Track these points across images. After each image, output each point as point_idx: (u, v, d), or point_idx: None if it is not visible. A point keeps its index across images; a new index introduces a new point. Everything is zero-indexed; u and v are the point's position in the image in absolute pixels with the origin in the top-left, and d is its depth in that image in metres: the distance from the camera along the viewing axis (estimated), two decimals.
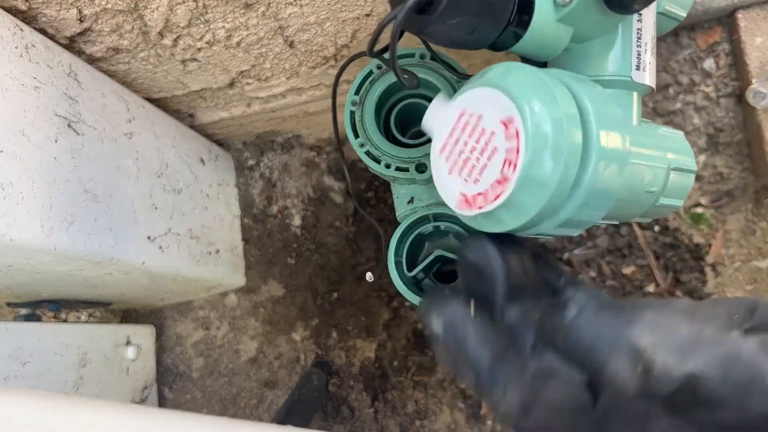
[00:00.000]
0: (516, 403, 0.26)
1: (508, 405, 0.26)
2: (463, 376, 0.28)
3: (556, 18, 0.30)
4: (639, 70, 0.32)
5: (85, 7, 0.63)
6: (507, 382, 0.26)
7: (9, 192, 0.54)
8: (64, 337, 0.81)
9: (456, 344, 0.27)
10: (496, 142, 0.26)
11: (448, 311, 0.28)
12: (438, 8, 0.26)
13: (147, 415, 0.33)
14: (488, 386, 0.26)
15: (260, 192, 1.06)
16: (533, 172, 0.24)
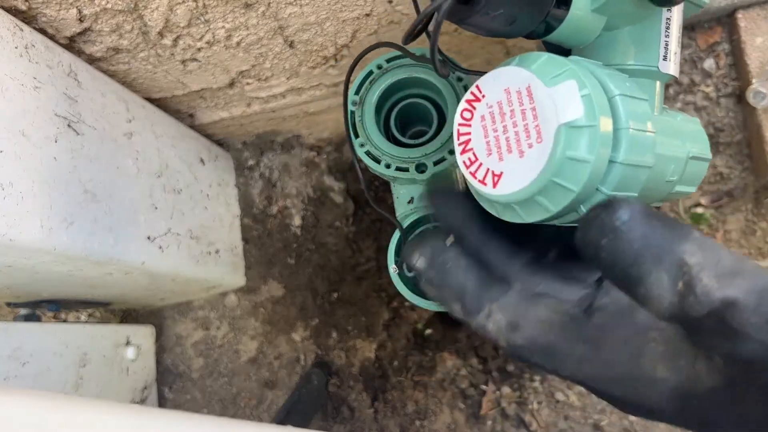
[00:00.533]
0: (504, 322, 0.26)
1: (496, 323, 0.26)
2: (450, 306, 0.28)
3: (591, 8, 0.30)
4: (666, 60, 0.33)
5: (85, 7, 0.63)
6: (492, 303, 0.26)
7: (9, 192, 0.54)
8: (64, 337, 0.81)
9: (438, 275, 0.28)
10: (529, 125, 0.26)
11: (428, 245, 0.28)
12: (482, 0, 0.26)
13: (147, 415, 0.33)
14: (474, 310, 0.27)
15: (260, 192, 1.06)
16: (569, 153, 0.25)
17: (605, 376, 0.24)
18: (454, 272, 0.27)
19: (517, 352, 0.26)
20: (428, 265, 0.28)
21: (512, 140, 0.27)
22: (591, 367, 0.24)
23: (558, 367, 0.25)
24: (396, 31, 0.73)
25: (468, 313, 0.27)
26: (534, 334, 0.25)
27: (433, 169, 0.55)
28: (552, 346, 0.25)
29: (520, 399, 0.88)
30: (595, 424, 0.85)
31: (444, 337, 0.94)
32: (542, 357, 0.25)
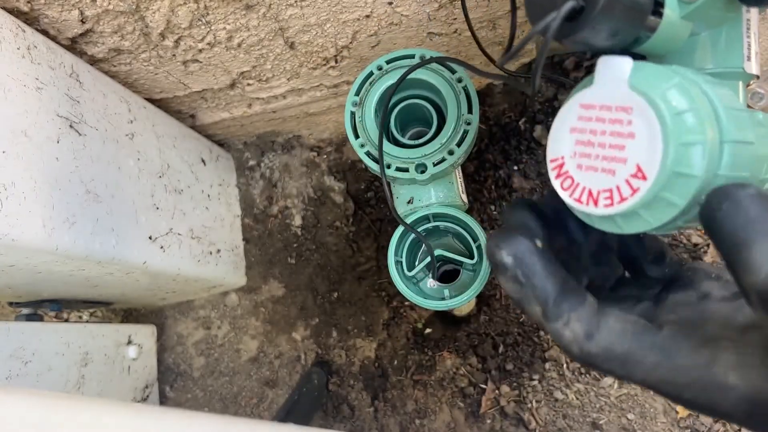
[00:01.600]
0: (580, 329, 0.27)
1: (572, 331, 0.27)
2: (528, 306, 0.29)
3: (680, 15, 0.30)
4: (749, 61, 0.33)
5: (87, 8, 0.63)
6: (571, 311, 0.28)
7: (11, 192, 0.54)
8: (66, 337, 0.81)
9: (524, 275, 0.28)
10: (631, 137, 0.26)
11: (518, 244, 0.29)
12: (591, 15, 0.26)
13: (148, 414, 0.33)
14: (554, 315, 0.28)
15: (261, 192, 1.07)
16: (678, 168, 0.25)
17: (677, 382, 0.25)
18: (540, 275, 0.28)
19: (590, 360, 0.28)
20: (516, 263, 0.29)
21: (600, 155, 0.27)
22: (663, 373, 0.26)
23: (630, 373, 0.27)
24: (396, 32, 0.73)
25: (547, 317, 0.28)
26: (608, 343, 0.27)
27: (433, 169, 0.55)
28: (626, 353, 0.27)
29: (518, 398, 0.89)
30: (593, 422, 0.85)
31: (443, 336, 0.94)
32: (615, 364, 0.27)
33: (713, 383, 0.24)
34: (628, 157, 0.26)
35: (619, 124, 0.26)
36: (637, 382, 0.27)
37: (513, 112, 0.95)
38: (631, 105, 0.26)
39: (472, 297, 0.58)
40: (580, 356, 0.28)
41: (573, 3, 0.26)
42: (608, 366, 0.27)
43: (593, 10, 0.26)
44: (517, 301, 0.30)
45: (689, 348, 0.26)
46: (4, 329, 0.72)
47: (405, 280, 0.61)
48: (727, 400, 0.24)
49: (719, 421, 0.82)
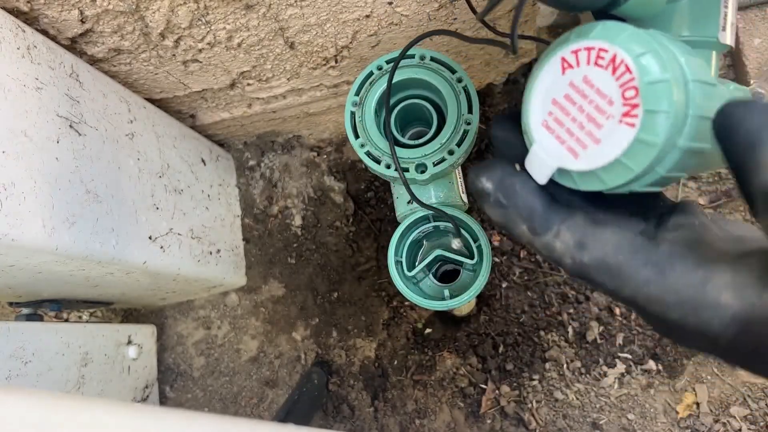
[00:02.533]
0: (572, 241, 0.27)
1: (563, 241, 0.27)
2: (515, 228, 0.29)
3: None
4: (724, 31, 0.33)
5: (87, 8, 0.63)
6: (561, 223, 0.28)
7: (11, 192, 0.54)
8: (66, 337, 0.81)
9: (507, 196, 0.29)
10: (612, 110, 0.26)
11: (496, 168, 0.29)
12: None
13: (148, 414, 0.33)
14: (542, 229, 0.28)
15: (261, 192, 1.07)
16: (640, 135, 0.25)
17: (667, 300, 0.25)
18: (522, 193, 0.29)
19: (581, 270, 0.28)
20: (496, 186, 0.29)
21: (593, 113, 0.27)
22: (654, 290, 0.26)
23: (619, 287, 0.27)
24: (396, 32, 0.73)
25: (535, 232, 0.28)
26: (601, 253, 0.27)
27: (433, 169, 0.55)
28: (618, 266, 0.27)
29: (519, 398, 0.89)
30: (593, 422, 0.85)
31: (443, 336, 0.94)
32: (606, 276, 0.27)
33: (706, 302, 0.25)
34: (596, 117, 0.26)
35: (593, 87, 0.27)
36: (625, 297, 0.27)
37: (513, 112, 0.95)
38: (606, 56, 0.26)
39: (472, 297, 0.58)
40: (573, 267, 0.28)
41: None
42: (600, 278, 0.27)
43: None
44: (504, 227, 0.30)
45: (684, 267, 0.26)
46: (4, 329, 0.72)
47: (405, 280, 0.61)
48: (717, 319, 0.24)
49: (719, 421, 0.82)
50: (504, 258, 0.93)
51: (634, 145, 0.25)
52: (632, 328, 0.87)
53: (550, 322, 0.90)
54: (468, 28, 0.74)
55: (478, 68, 0.88)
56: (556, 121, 0.28)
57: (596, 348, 0.88)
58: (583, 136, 0.27)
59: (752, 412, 0.81)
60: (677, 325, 0.26)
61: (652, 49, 0.26)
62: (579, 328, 0.89)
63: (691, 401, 0.83)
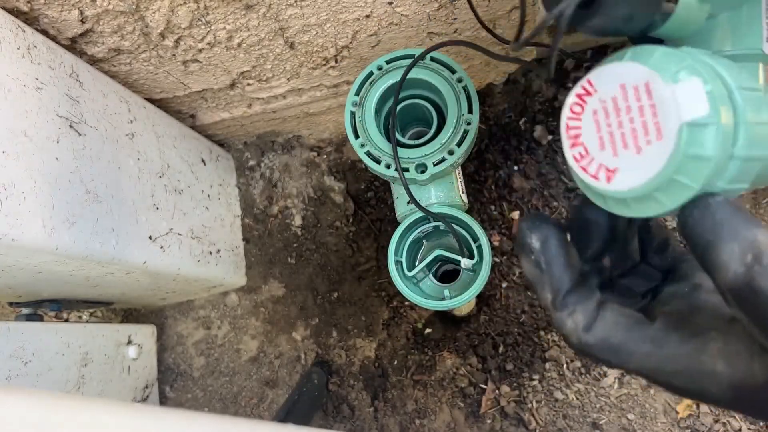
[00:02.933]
0: (581, 321, 0.30)
1: (574, 322, 0.30)
2: (542, 291, 0.31)
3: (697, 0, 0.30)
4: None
5: (87, 8, 0.63)
6: (577, 304, 0.30)
7: (11, 192, 0.54)
8: (66, 337, 0.81)
9: (546, 263, 0.31)
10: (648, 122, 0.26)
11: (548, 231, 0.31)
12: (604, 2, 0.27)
13: (148, 414, 0.33)
14: (561, 306, 0.30)
15: (261, 192, 1.07)
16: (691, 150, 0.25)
17: (668, 370, 0.27)
18: (559, 266, 0.31)
19: (587, 349, 0.30)
20: (542, 249, 0.31)
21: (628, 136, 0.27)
22: (655, 362, 0.28)
23: (624, 363, 0.29)
24: (396, 32, 0.73)
25: (555, 306, 0.31)
26: (604, 334, 0.29)
27: (433, 169, 0.55)
28: (620, 344, 0.29)
29: (518, 398, 0.89)
30: (593, 422, 0.85)
31: (443, 336, 0.94)
32: (610, 354, 0.29)
33: (702, 371, 0.26)
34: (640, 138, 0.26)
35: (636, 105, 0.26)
36: (631, 370, 0.29)
37: (513, 112, 0.95)
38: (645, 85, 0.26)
39: (472, 297, 0.58)
40: (578, 346, 0.30)
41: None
42: (603, 356, 0.29)
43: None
44: (531, 284, 0.32)
45: (679, 339, 0.27)
46: (4, 329, 0.72)
47: (405, 280, 0.61)
48: (714, 386, 0.26)
49: (719, 421, 0.82)
50: (504, 258, 0.93)
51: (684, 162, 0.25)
52: None
53: (550, 322, 0.90)
54: (468, 29, 0.74)
55: (478, 68, 0.88)
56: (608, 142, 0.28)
57: None
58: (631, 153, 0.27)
59: None
60: (682, 390, 0.28)
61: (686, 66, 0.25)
62: None
63: (691, 401, 0.83)
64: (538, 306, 0.91)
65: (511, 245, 0.93)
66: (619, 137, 0.27)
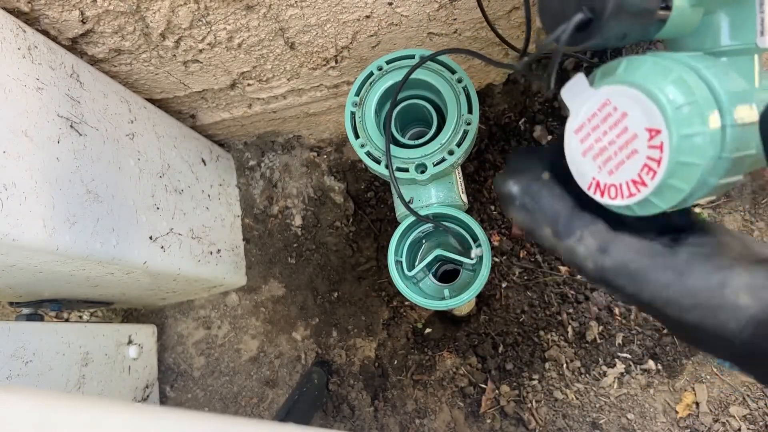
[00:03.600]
0: (594, 246, 0.28)
1: (586, 246, 0.28)
2: (539, 231, 0.30)
3: (690, 4, 0.31)
4: (763, 36, 0.33)
5: (88, 8, 0.63)
6: (584, 228, 0.29)
7: (12, 192, 0.54)
8: (66, 337, 0.81)
9: (533, 201, 0.30)
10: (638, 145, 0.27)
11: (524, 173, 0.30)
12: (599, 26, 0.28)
13: (149, 414, 0.33)
14: (565, 233, 0.29)
15: (261, 192, 1.07)
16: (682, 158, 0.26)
17: (685, 303, 0.27)
18: (548, 199, 0.30)
19: (602, 274, 0.28)
20: (523, 191, 0.30)
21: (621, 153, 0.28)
22: (672, 293, 0.27)
23: (639, 291, 0.28)
24: (396, 32, 0.73)
25: (559, 235, 0.29)
26: (623, 257, 0.28)
27: (433, 169, 0.55)
28: (638, 270, 0.28)
29: (518, 398, 0.89)
30: (593, 422, 0.85)
31: (443, 336, 0.94)
32: (627, 279, 0.28)
33: (723, 304, 0.25)
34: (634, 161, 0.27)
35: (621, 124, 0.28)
36: (644, 301, 0.28)
37: (513, 113, 0.95)
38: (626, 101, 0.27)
39: (472, 297, 0.58)
40: (595, 270, 0.28)
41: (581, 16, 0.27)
42: (619, 281, 0.28)
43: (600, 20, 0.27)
44: (528, 231, 0.30)
45: (703, 271, 0.27)
46: (5, 329, 0.73)
47: (405, 280, 0.61)
48: (734, 320, 0.25)
49: (718, 421, 0.82)
50: (504, 258, 0.93)
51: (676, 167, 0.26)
52: (632, 328, 0.87)
53: (550, 322, 0.90)
54: (467, 29, 0.74)
55: (478, 68, 0.88)
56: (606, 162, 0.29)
57: (596, 348, 0.88)
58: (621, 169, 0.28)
59: (751, 412, 0.81)
60: (694, 328, 0.27)
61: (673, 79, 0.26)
62: (578, 328, 0.89)
63: (690, 401, 0.83)
64: (537, 305, 0.91)
65: (511, 245, 0.94)
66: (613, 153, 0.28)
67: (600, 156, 0.29)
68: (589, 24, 0.28)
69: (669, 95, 0.26)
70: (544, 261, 0.91)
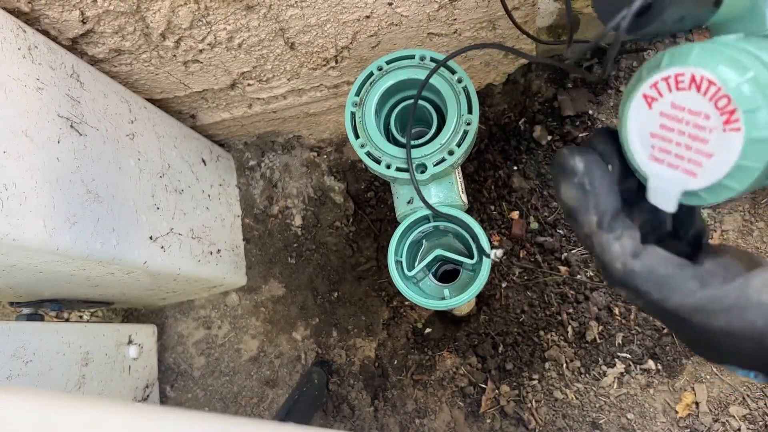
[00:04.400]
0: (630, 246, 0.29)
1: (622, 246, 0.29)
2: (584, 215, 0.30)
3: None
4: None
5: (88, 8, 0.63)
6: (624, 229, 0.29)
7: (12, 192, 0.54)
8: (66, 337, 0.82)
9: (591, 183, 0.30)
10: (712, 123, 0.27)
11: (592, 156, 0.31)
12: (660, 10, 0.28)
13: (149, 414, 0.33)
14: (608, 228, 0.30)
15: (261, 192, 1.07)
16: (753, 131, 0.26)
17: (711, 309, 0.27)
18: (606, 189, 0.30)
19: (629, 277, 0.29)
20: (586, 170, 0.30)
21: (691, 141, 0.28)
22: (698, 300, 0.28)
23: (667, 297, 0.28)
24: (396, 33, 0.73)
25: (601, 227, 0.30)
26: (652, 264, 0.29)
27: (433, 169, 0.55)
28: (666, 276, 0.28)
29: (518, 397, 0.89)
30: (593, 422, 0.86)
31: (443, 336, 0.94)
32: (653, 286, 0.29)
33: (748, 305, 0.26)
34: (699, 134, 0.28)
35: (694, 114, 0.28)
36: (668, 308, 0.28)
37: (513, 113, 0.95)
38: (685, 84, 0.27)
39: (472, 297, 0.58)
40: (622, 272, 0.29)
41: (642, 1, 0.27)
42: (646, 287, 0.29)
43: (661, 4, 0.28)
44: (571, 209, 0.31)
45: (726, 277, 0.27)
46: (5, 329, 0.73)
47: (405, 280, 0.61)
48: (761, 318, 0.26)
49: (718, 421, 0.82)
50: (504, 258, 0.93)
51: (747, 146, 0.26)
52: (631, 328, 0.87)
53: (550, 322, 0.90)
54: (467, 29, 0.74)
55: (478, 69, 0.88)
56: (662, 151, 0.29)
57: (595, 348, 0.88)
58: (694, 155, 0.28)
59: (751, 412, 0.81)
60: (724, 333, 0.27)
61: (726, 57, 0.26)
62: (578, 328, 0.89)
63: (690, 401, 0.83)
64: (537, 305, 0.91)
65: (511, 245, 0.94)
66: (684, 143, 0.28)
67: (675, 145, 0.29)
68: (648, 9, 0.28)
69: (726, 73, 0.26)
70: (544, 261, 0.91)
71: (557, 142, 0.92)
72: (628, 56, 0.91)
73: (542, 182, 0.93)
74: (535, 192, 0.93)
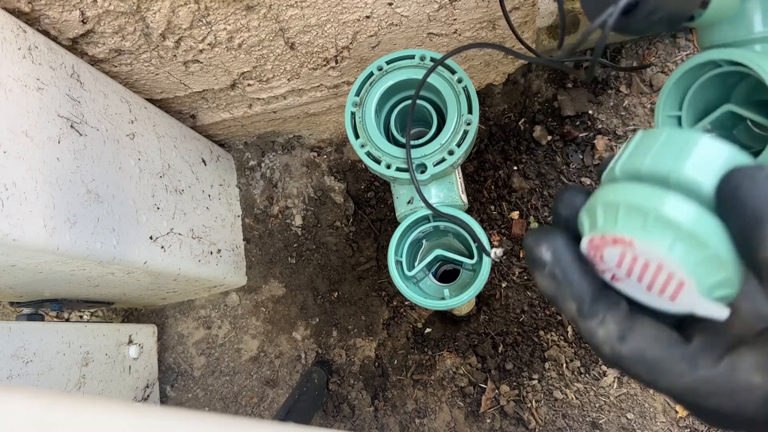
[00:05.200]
0: (614, 330, 0.28)
1: (606, 331, 0.28)
2: (563, 303, 0.30)
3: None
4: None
5: (88, 9, 0.63)
6: (606, 312, 0.28)
7: (12, 192, 0.55)
8: (67, 336, 0.82)
9: (562, 272, 0.29)
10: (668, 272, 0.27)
11: (557, 240, 0.30)
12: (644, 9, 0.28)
13: (149, 414, 0.33)
14: (588, 314, 0.29)
15: (261, 192, 1.07)
16: (709, 281, 0.26)
17: (702, 391, 0.27)
18: (578, 274, 0.29)
19: (618, 361, 0.28)
20: (555, 260, 0.29)
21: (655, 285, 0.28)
22: (689, 382, 0.27)
23: (656, 380, 0.28)
24: (396, 33, 0.73)
25: (582, 315, 0.29)
26: (640, 347, 0.28)
27: (433, 169, 0.55)
28: (655, 360, 0.28)
29: (518, 397, 0.89)
30: (593, 421, 0.86)
31: (443, 336, 0.94)
32: (643, 369, 0.28)
33: (738, 387, 0.26)
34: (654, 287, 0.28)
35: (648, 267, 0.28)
36: (661, 389, 0.28)
37: (513, 113, 0.95)
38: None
39: (472, 297, 0.58)
40: (611, 356, 0.28)
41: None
42: (635, 370, 0.28)
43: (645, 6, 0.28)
44: (551, 298, 0.30)
45: (712, 358, 0.26)
46: (6, 329, 0.73)
47: (405, 280, 0.61)
48: (751, 402, 0.25)
49: None
50: (504, 258, 0.93)
51: (700, 281, 0.26)
52: None
53: (550, 322, 0.90)
54: (467, 29, 0.74)
55: (478, 69, 0.89)
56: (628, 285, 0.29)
57: None
58: (660, 296, 0.28)
59: None
60: (715, 412, 0.27)
61: (650, 222, 0.26)
62: None
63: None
64: (537, 305, 0.91)
65: (511, 245, 0.94)
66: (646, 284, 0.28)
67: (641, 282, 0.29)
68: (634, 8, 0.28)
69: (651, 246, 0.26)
70: None
71: (557, 142, 0.92)
72: (628, 56, 0.91)
73: (542, 182, 0.93)
74: (535, 192, 0.93)
